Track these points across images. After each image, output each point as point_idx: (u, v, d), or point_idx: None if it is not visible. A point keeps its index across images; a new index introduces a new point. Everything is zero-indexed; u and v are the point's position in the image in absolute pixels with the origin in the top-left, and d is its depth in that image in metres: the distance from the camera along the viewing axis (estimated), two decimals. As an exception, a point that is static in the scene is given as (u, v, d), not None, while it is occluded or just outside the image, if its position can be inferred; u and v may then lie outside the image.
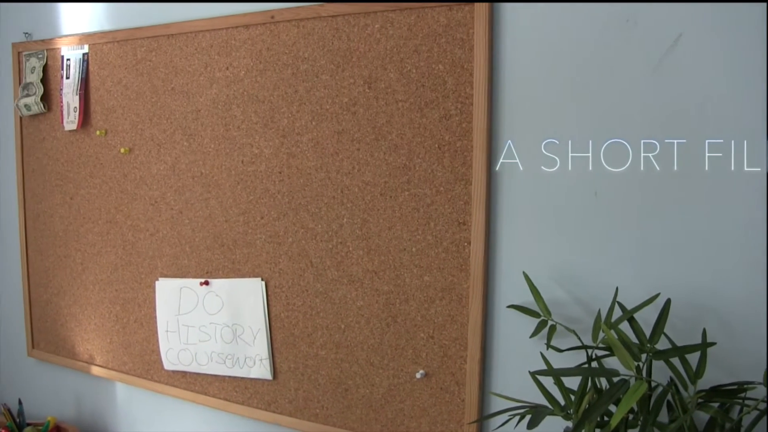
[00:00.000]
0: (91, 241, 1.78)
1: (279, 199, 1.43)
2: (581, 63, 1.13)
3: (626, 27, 1.09)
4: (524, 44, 1.18)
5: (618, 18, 1.10)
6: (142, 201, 1.66)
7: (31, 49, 1.85)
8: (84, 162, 1.77)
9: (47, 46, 1.81)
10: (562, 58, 1.15)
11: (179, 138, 1.57)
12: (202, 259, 1.57)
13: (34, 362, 2.04)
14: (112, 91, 1.69)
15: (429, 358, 1.30)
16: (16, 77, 1.90)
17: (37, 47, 1.84)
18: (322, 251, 1.39)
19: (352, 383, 1.40)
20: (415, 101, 1.26)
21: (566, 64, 1.15)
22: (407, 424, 1.34)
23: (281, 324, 1.47)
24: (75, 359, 1.89)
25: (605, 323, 1.04)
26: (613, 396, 0.88)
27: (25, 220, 1.95)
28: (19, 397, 1.95)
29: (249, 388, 1.54)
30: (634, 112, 1.10)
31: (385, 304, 1.33)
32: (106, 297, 1.77)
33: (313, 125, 1.37)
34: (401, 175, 1.28)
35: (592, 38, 1.12)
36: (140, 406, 1.82)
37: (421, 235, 1.28)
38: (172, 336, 1.63)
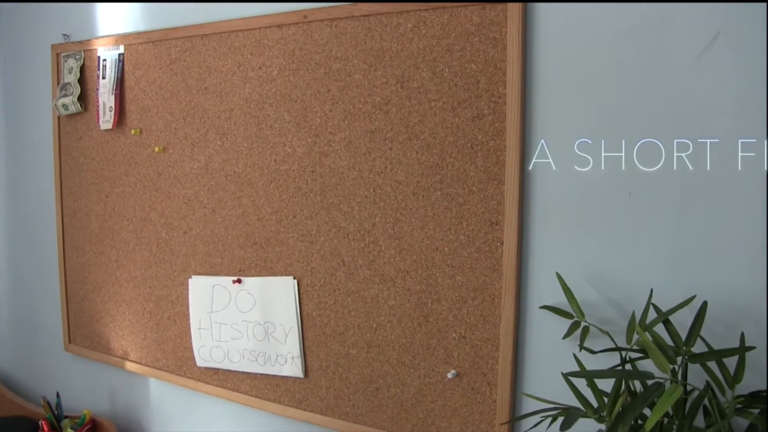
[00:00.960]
0: (125, 239, 1.84)
1: (311, 198, 1.46)
2: (614, 62, 1.14)
3: (661, 25, 1.09)
4: (557, 42, 1.19)
5: (653, 16, 1.10)
6: (176, 199, 1.70)
7: (69, 50, 1.91)
8: (119, 161, 1.82)
9: (84, 47, 1.87)
10: (595, 56, 1.15)
11: (212, 137, 1.61)
12: (234, 257, 1.60)
13: (70, 357, 2.10)
14: (146, 90, 1.74)
15: (460, 358, 1.31)
16: (54, 78, 1.97)
17: (75, 48, 1.89)
18: (354, 250, 1.41)
19: (383, 382, 1.42)
20: (448, 100, 1.27)
21: (599, 62, 1.15)
22: (438, 424, 1.36)
23: (313, 322, 1.50)
24: (110, 355, 1.94)
25: (640, 325, 1.04)
26: (647, 399, 0.88)
27: (62, 218, 2.01)
28: (57, 390, 2.02)
29: (280, 385, 1.57)
30: (667, 112, 1.10)
31: (416, 303, 1.35)
32: (140, 294, 1.82)
33: (345, 124, 1.40)
34: (434, 174, 1.30)
35: (626, 37, 1.12)
36: (173, 402, 1.86)
37: (453, 234, 1.29)
38: (204, 333, 1.67)
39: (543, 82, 1.20)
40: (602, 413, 1.02)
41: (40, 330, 2.21)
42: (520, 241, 1.24)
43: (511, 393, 1.27)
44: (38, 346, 2.23)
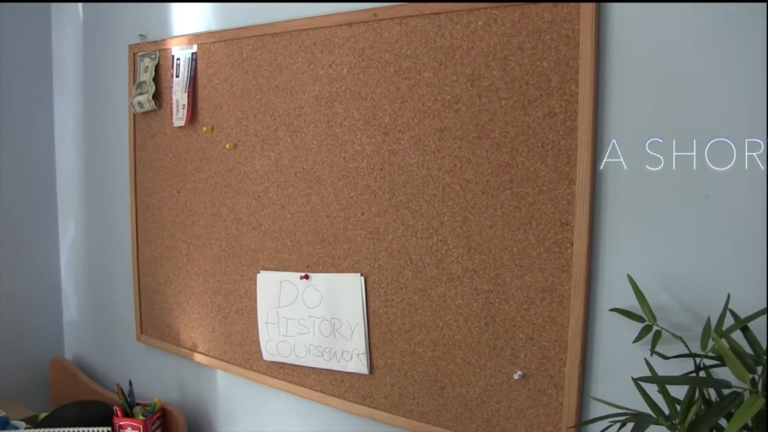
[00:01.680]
0: (196, 233, 1.91)
1: (380, 196, 1.49)
2: (685, 61, 1.12)
3: (734, 24, 1.07)
4: (630, 39, 1.17)
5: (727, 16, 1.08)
6: (246, 195, 1.76)
7: (145, 50, 2.00)
8: (191, 157, 1.90)
9: (159, 47, 1.95)
10: (666, 55, 1.14)
11: (282, 134, 1.66)
12: (302, 254, 1.65)
13: (142, 347, 2.20)
14: (218, 88, 1.80)
15: (527, 359, 1.32)
16: (131, 76, 2.06)
17: (150, 48, 1.98)
18: (422, 248, 1.44)
19: (448, 381, 1.44)
20: (519, 99, 1.28)
21: (670, 61, 1.14)
22: (503, 425, 1.37)
23: (379, 320, 1.53)
24: (179, 346, 2.02)
25: (716, 331, 1.02)
26: (724, 409, 0.86)
27: (135, 212, 2.11)
28: (130, 378, 2.12)
29: (345, 381, 1.61)
30: (738, 111, 1.08)
31: (484, 303, 1.36)
32: (209, 287, 1.90)
33: (414, 122, 1.42)
34: (503, 173, 1.31)
35: (698, 36, 1.11)
36: (239, 394, 1.93)
37: (522, 234, 1.30)
38: (271, 328, 1.72)
39: (615, 80, 1.20)
40: (674, 421, 1.00)
41: (114, 320, 2.32)
42: (591, 242, 1.23)
43: (578, 396, 1.26)
44: (113, 336, 2.34)
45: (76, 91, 2.37)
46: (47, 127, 2.46)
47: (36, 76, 2.42)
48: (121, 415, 1.96)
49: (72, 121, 2.40)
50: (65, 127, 2.44)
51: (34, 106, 2.42)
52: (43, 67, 2.43)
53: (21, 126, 2.38)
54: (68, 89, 2.41)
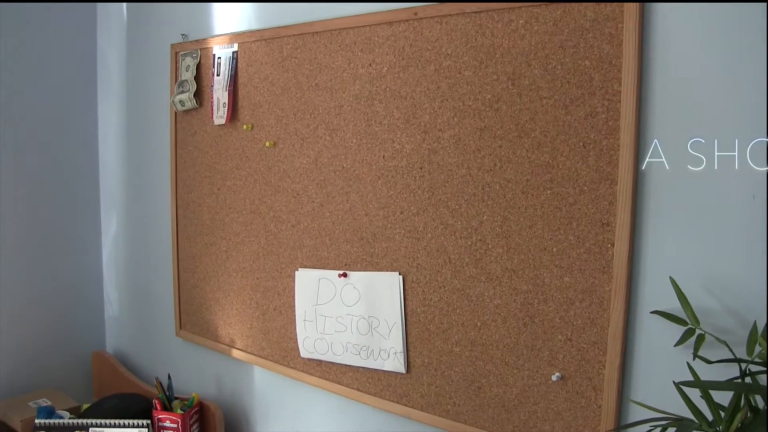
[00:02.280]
0: (235, 231, 1.95)
1: (419, 195, 1.51)
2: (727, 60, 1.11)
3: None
4: (673, 39, 1.16)
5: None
6: (285, 193, 1.79)
7: (187, 49, 2.04)
8: (231, 155, 1.94)
9: (201, 46, 2.00)
10: (709, 54, 1.13)
11: (322, 133, 1.68)
12: (341, 252, 1.67)
13: (181, 342, 2.25)
14: (258, 87, 1.84)
15: (566, 360, 1.32)
16: (172, 75, 2.11)
17: (192, 47, 2.03)
18: (461, 248, 1.45)
19: (485, 382, 1.44)
20: (560, 98, 1.28)
21: (712, 61, 1.13)
22: (540, 426, 1.37)
23: (417, 319, 1.54)
24: (217, 342, 2.07)
25: (762, 336, 1.01)
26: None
27: (176, 209, 2.16)
28: (169, 372, 2.17)
29: (382, 380, 1.63)
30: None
31: (522, 303, 1.37)
32: (247, 284, 1.93)
33: (455, 121, 1.43)
34: (544, 173, 1.31)
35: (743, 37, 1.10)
36: (276, 391, 1.96)
37: (562, 234, 1.30)
38: (309, 325, 1.75)
39: (659, 79, 1.19)
40: (718, 428, 0.98)
41: (154, 315, 2.38)
42: (632, 243, 1.23)
43: (617, 399, 1.26)
44: (152, 331, 2.40)
45: (119, 89, 2.44)
46: (91, 126, 2.53)
47: (81, 75, 2.49)
48: (160, 409, 2.01)
49: (115, 120, 2.47)
50: (109, 125, 2.51)
51: (79, 105, 2.49)
52: (89, 67, 2.51)
53: (66, 124, 2.45)
54: (112, 88, 2.47)
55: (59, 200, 2.45)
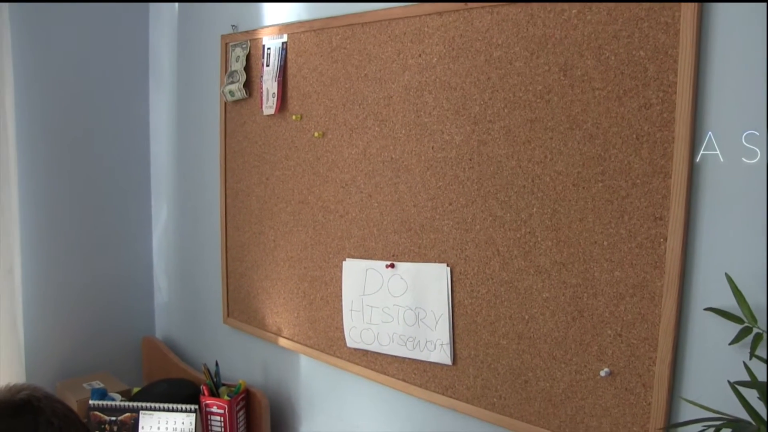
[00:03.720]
0: (283, 220, 1.99)
1: (468, 186, 1.52)
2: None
3: None
4: (731, 28, 1.14)
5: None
6: (333, 183, 1.82)
7: (237, 40, 2.09)
8: (280, 145, 1.98)
9: (250, 37, 2.04)
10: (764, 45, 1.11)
11: (371, 123, 1.71)
12: (388, 242, 1.70)
13: (228, 329, 2.32)
14: (308, 77, 1.87)
15: (615, 356, 1.32)
16: (222, 66, 2.16)
17: (242, 38, 2.07)
18: (510, 240, 1.46)
19: (532, 375, 1.45)
20: (613, 89, 1.28)
21: None
22: (587, 422, 1.37)
23: (464, 311, 1.56)
24: (264, 330, 2.12)
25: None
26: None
27: (225, 198, 2.22)
28: (216, 359, 2.23)
29: (428, 371, 1.65)
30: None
31: (571, 297, 1.37)
32: (295, 274, 1.98)
33: (505, 113, 1.44)
34: (595, 165, 1.31)
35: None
36: (321, 379, 2.00)
37: (613, 228, 1.30)
38: (356, 315, 1.78)
39: (716, 70, 1.17)
40: (776, 431, 0.97)
41: (202, 303, 2.45)
42: (686, 238, 1.22)
43: (667, 397, 1.25)
44: (200, 318, 2.47)
45: (170, 81, 2.51)
46: (143, 117, 2.62)
47: (134, 68, 2.57)
48: (207, 394, 2.07)
49: (166, 110, 2.54)
50: (160, 116, 2.58)
51: (131, 97, 2.57)
52: (141, 60, 2.59)
53: (119, 116, 2.54)
54: (163, 80, 2.55)
55: (112, 191, 2.55)
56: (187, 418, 2.05)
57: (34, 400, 1.04)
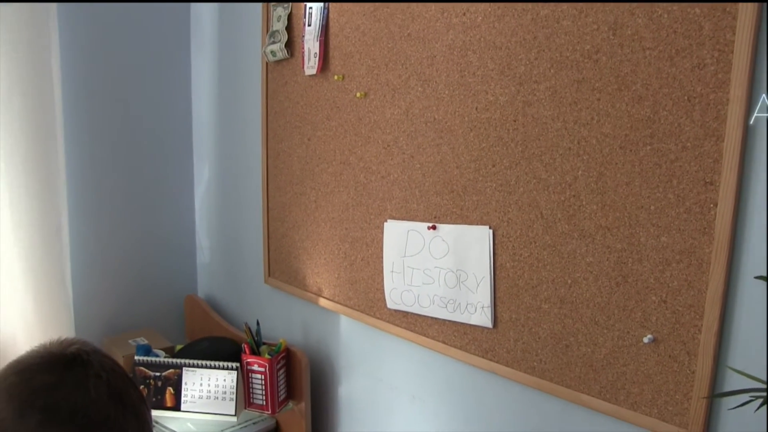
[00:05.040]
0: (325, 181, 2.02)
1: (512, 148, 1.52)
2: None
3: None
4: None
5: None
6: (375, 144, 1.83)
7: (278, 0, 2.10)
8: (321, 105, 1.99)
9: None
10: None
11: (414, 83, 1.71)
12: (430, 204, 1.71)
13: (269, 289, 2.37)
14: (350, 37, 1.87)
15: (659, 323, 1.32)
16: (264, 26, 2.18)
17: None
18: (554, 203, 1.45)
19: (573, 340, 1.46)
20: (665, 49, 1.25)
21: None
22: (628, 389, 1.38)
23: (506, 274, 1.57)
24: (305, 290, 2.16)
25: None
26: None
27: (266, 159, 2.25)
28: (258, 318, 2.29)
29: (468, 333, 1.68)
30: None
31: (616, 262, 1.37)
32: (336, 234, 2.01)
33: (551, 73, 1.43)
34: (644, 128, 1.29)
35: None
36: (361, 340, 2.04)
37: (661, 192, 1.29)
38: (396, 277, 1.81)
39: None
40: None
41: (244, 263, 2.51)
42: (737, 204, 1.20)
43: (713, 366, 1.25)
44: (242, 278, 2.53)
45: (211, 41, 2.53)
46: (185, 78, 2.65)
47: (176, 30, 2.60)
48: (248, 353, 2.13)
49: (208, 72, 2.57)
50: (201, 77, 2.61)
51: (173, 59, 2.61)
52: (183, 22, 2.62)
53: (161, 78, 2.58)
54: (204, 40, 2.57)
55: (155, 152, 2.60)
56: (229, 375, 2.12)
57: (84, 354, 1.08)
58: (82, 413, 1.03)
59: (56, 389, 1.03)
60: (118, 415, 1.07)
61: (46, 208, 2.12)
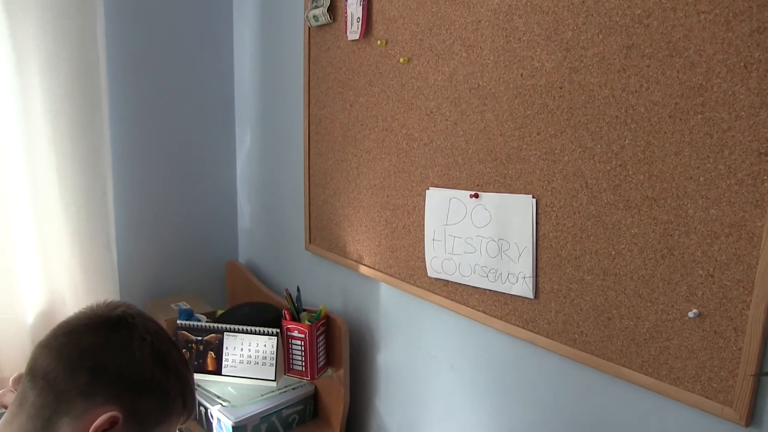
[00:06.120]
0: (367, 148, 2.03)
1: (557, 116, 1.50)
2: None
3: None
4: None
5: None
6: (418, 111, 1.84)
7: (323, -40, 2.10)
8: (364, 71, 2.00)
9: (337, -43, 2.04)
10: None
11: (458, 49, 1.70)
12: (473, 172, 1.71)
13: (309, 256, 2.41)
14: (393, 1, 1.86)
15: (705, 297, 1.31)
16: (307, -11, 2.18)
17: (328, -42, 2.08)
18: (599, 173, 1.44)
19: (616, 313, 1.46)
20: (721, 12, 1.22)
21: None
22: (671, 363, 1.38)
23: (548, 244, 1.57)
24: (345, 257, 2.19)
25: None
26: None
27: (308, 125, 2.27)
28: (298, 285, 2.34)
29: (508, 304, 1.69)
30: None
31: (662, 234, 1.36)
32: (377, 202, 2.03)
33: (599, 39, 1.41)
34: (695, 96, 1.27)
35: None
36: (401, 308, 2.07)
37: (711, 163, 1.27)
38: (437, 245, 1.82)
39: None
40: None
41: (284, 229, 2.55)
42: (793, 176, 1.18)
43: (761, 343, 1.23)
44: (282, 244, 2.58)
45: (253, 6, 2.55)
46: (227, 44, 2.68)
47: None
48: (288, 319, 2.18)
49: (249, 37, 2.59)
50: (243, 42, 2.64)
51: (215, 25, 2.63)
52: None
53: (204, 44, 2.61)
54: (246, 5, 2.59)
55: (197, 118, 2.65)
56: (269, 341, 2.17)
57: (129, 317, 1.13)
58: (127, 374, 1.08)
59: (103, 350, 1.07)
60: (161, 377, 1.12)
61: (91, 172, 2.18)
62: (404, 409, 2.14)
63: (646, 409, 1.46)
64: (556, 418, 1.66)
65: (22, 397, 1.05)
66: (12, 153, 2.05)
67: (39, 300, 2.19)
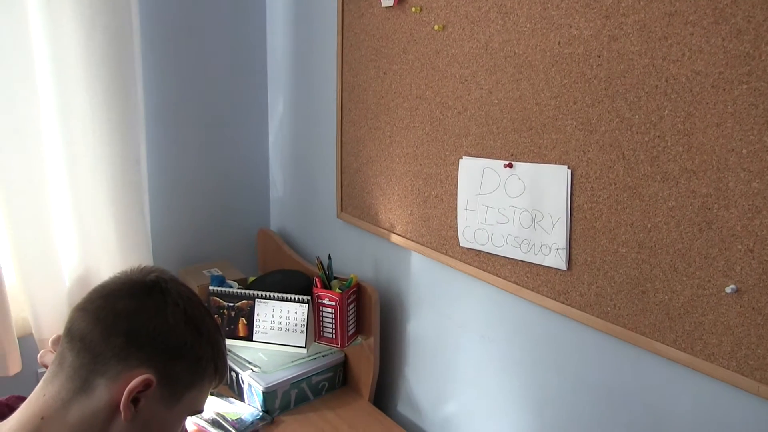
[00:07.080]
0: (400, 116, 2.03)
1: (595, 85, 1.48)
2: None
3: None
4: None
5: None
6: (452, 79, 1.82)
7: (358, -76, 2.07)
8: (398, 38, 1.98)
9: None
10: None
11: (494, 16, 1.68)
12: (507, 141, 1.70)
13: (341, 224, 2.42)
14: (430, -35, 1.84)
15: (743, 273, 1.29)
16: (341, -47, 2.16)
17: None
18: (637, 144, 1.42)
19: (650, 287, 1.45)
20: (771, -22, 1.19)
21: None
22: (706, 339, 1.37)
23: (583, 215, 1.56)
24: (377, 226, 2.20)
25: None
26: None
27: (341, 92, 2.27)
28: (329, 253, 2.36)
29: (541, 275, 1.68)
30: None
31: (700, 207, 1.34)
32: (410, 170, 2.03)
33: (641, 5, 1.37)
34: (741, 65, 1.24)
35: None
36: (432, 277, 2.08)
37: (755, 135, 1.24)
38: (470, 215, 1.82)
39: None
40: None
41: (316, 197, 2.56)
42: (840, 149, 1.15)
43: (800, 321, 1.23)
44: (314, 212, 2.60)
45: (287, -30, 2.54)
46: (260, 10, 2.67)
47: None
48: (320, 287, 2.20)
49: (282, 3, 2.58)
50: (276, 9, 2.62)
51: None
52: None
53: (235, 10, 2.60)
54: (281, -32, 2.58)
55: (230, 86, 2.65)
56: (300, 308, 2.20)
57: (162, 282, 1.15)
58: (161, 338, 1.10)
59: (137, 314, 1.10)
60: (194, 342, 1.14)
61: (126, 139, 2.21)
62: (433, 378, 2.16)
63: (679, 384, 1.46)
64: (587, 390, 1.66)
65: (61, 358, 1.09)
66: (49, 121, 2.09)
67: (75, 266, 2.24)
